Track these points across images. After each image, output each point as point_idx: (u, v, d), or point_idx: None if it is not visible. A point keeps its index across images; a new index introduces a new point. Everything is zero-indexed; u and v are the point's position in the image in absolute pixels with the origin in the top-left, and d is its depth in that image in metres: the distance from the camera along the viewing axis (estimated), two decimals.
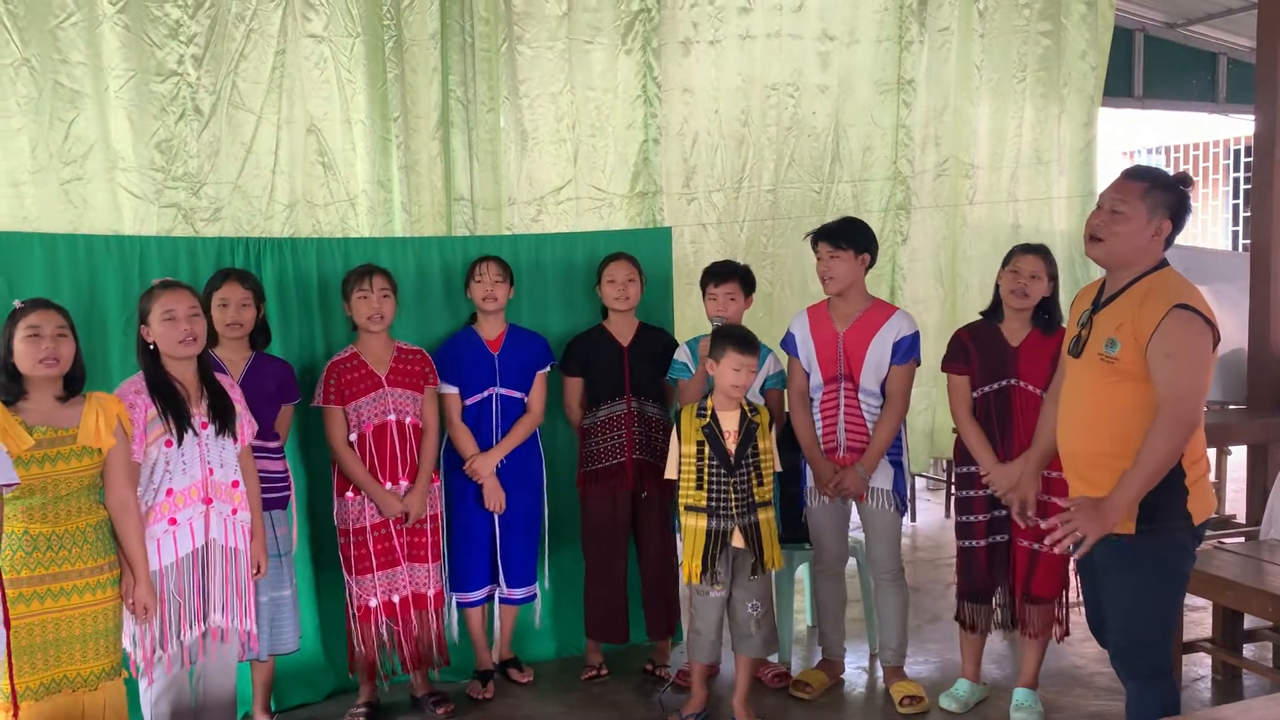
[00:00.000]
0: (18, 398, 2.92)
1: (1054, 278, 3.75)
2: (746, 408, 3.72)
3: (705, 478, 3.65)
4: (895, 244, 5.57)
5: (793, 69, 5.36)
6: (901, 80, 5.50)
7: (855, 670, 4.35)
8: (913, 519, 6.69)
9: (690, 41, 5.19)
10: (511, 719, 3.98)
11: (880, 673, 4.23)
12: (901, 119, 5.52)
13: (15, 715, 2.82)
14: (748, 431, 3.68)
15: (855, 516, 4.15)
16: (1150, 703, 2.89)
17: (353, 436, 3.83)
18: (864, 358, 3.92)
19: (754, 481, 3.68)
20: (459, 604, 4.15)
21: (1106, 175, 3.67)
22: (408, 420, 3.89)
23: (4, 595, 2.77)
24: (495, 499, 4.08)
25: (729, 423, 3.68)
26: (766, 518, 3.73)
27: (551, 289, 4.50)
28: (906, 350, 3.92)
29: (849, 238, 3.92)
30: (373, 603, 3.84)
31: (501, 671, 4.30)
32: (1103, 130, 6.16)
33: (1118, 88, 8.78)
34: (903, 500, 4.06)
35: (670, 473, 3.74)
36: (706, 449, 3.65)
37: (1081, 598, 3.19)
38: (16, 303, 3.00)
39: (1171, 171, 3.26)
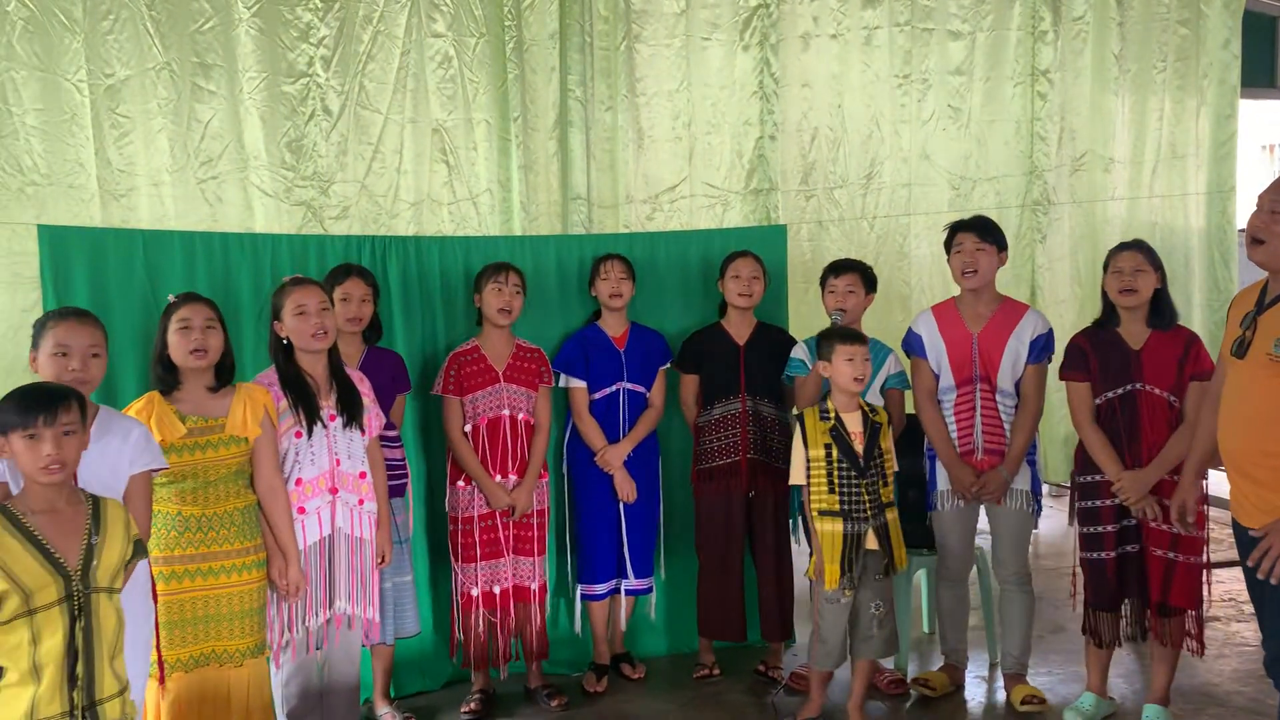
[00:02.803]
0: (173, 388, 3.06)
1: (1159, 268, 3.59)
2: (866, 408, 3.66)
3: (836, 481, 3.59)
4: (1033, 241, 5.40)
5: (921, 62, 5.25)
6: (1035, 71, 5.34)
7: (974, 679, 4.24)
8: (1036, 525, 6.48)
9: (810, 36, 5.12)
10: (623, 714, 3.99)
11: (1000, 683, 4.12)
12: (1036, 112, 5.35)
13: (162, 683, 2.96)
14: (872, 432, 3.62)
15: (981, 522, 4.05)
16: None
17: (467, 427, 3.90)
18: (1001, 358, 3.83)
19: (880, 482, 3.63)
20: (584, 596, 4.20)
21: (1245, 170, 3.50)
22: (521, 416, 3.95)
23: (153, 572, 2.92)
24: (627, 488, 4.13)
25: (853, 424, 3.63)
26: (893, 518, 3.68)
27: (666, 287, 4.51)
28: (1042, 349, 3.84)
29: (994, 232, 3.87)
30: (474, 591, 3.91)
31: (613, 666, 4.33)
32: (1241, 123, 5.88)
33: (1258, 78, 8.37)
34: (1038, 501, 3.96)
35: (797, 477, 3.68)
36: (835, 451, 3.60)
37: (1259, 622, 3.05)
38: (170, 297, 3.14)
39: None
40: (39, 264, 3.65)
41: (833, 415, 3.63)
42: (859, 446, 3.59)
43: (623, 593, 4.27)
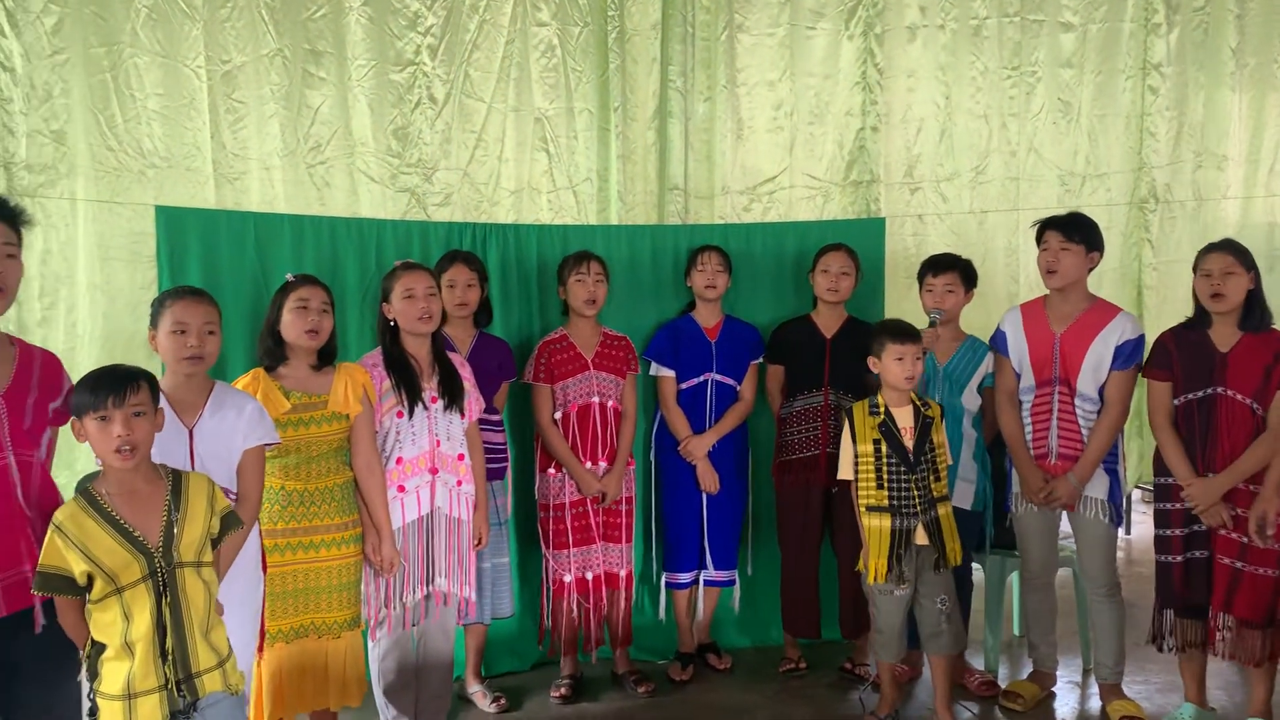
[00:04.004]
0: (279, 363, 3.16)
1: (1251, 268, 3.45)
2: (918, 402, 3.62)
3: (885, 476, 3.56)
4: (1141, 240, 5.25)
5: (1031, 54, 5.12)
6: (1147, 65, 5.18)
7: (1067, 684, 4.16)
8: (1127, 531, 6.33)
9: (917, 26, 5.04)
10: (710, 704, 4.00)
11: (1095, 689, 4.03)
12: (1147, 107, 5.19)
13: (260, 652, 3.05)
14: (924, 427, 3.58)
15: (1066, 525, 3.96)
16: None
17: (557, 415, 3.94)
18: (1082, 361, 3.72)
19: (931, 477, 3.58)
20: (668, 585, 4.22)
21: None
22: (609, 404, 3.98)
23: (263, 544, 3.01)
24: (710, 479, 4.13)
25: (904, 419, 3.58)
26: (945, 512, 3.63)
27: (761, 279, 4.49)
28: (1129, 355, 3.70)
29: (1082, 231, 3.74)
30: (567, 578, 3.95)
31: (699, 656, 4.34)
32: None
33: None
34: (1118, 511, 3.83)
35: (845, 473, 3.66)
36: (884, 447, 3.57)
37: None
38: (289, 276, 3.23)
39: None
40: (155, 243, 3.79)
41: (882, 410, 3.59)
42: (909, 442, 3.55)
43: (702, 583, 4.28)
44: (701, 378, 4.14)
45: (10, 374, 2.47)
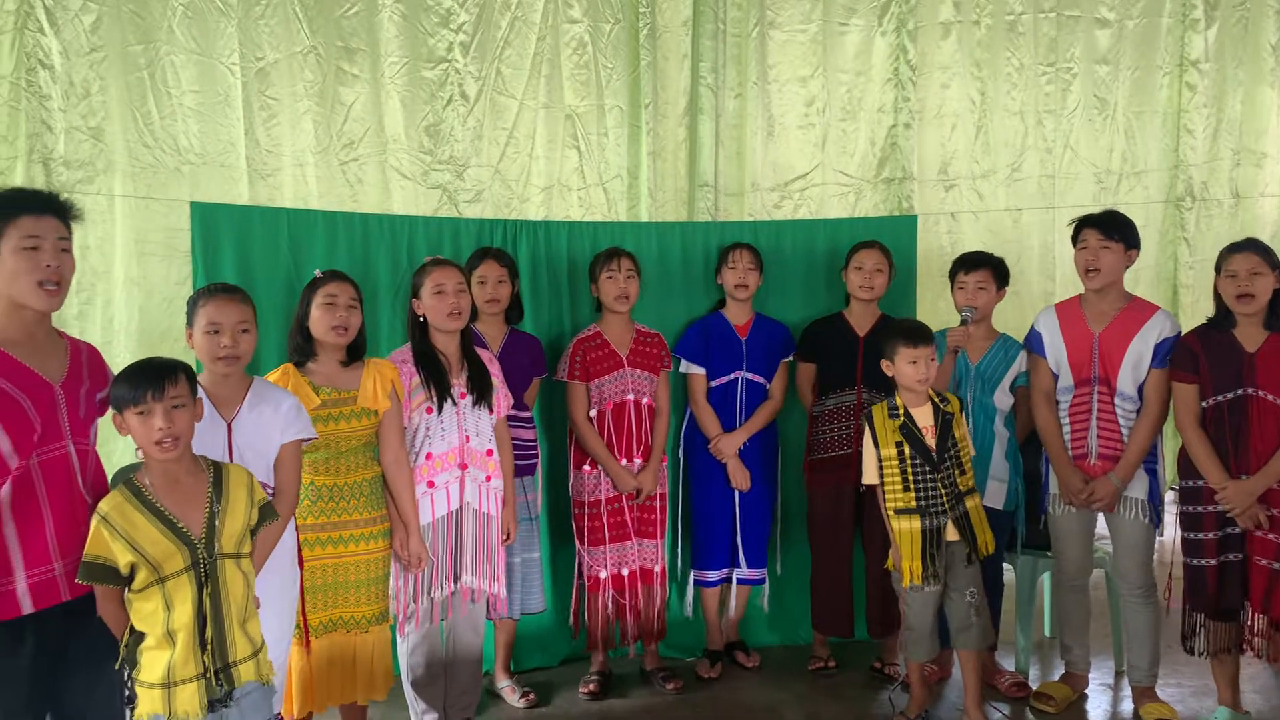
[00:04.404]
0: (308, 359, 3.17)
1: (1276, 267, 3.40)
2: (937, 399, 3.58)
3: (911, 478, 3.54)
4: (1177, 239, 5.19)
5: (1067, 50, 5.07)
6: (1185, 61, 5.11)
7: (1099, 687, 4.12)
8: (1161, 533, 6.24)
9: (951, 23, 5.01)
10: (739, 702, 4.00)
11: (1128, 691, 3.99)
12: (1184, 104, 5.13)
13: (307, 646, 3.08)
14: (944, 424, 3.54)
15: (1101, 525, 3.92)
16: None
17: (593, 412, 3.94)
18: (1122, 360, 3.68)
19: (956, 472, 3.55)
20: (696, 582, 4.22)
21: None
22: (644, 400, 3.97)
23: (299, 538, 3.04)
24: (741, 477, 4.12)
25: (924, 418, 3.55)
26: (974, 505, 3.60)
27: (791, 276, 4.47)
28: (1168, 353, 3.65)
29: (1120, 229, 3.70)
30: (602, 574, 3.95)
31: (728, 654, 4.34)
32: None
33: None
34: (1157, 512, 3.80)
35: (869, 478, 3.63)
36: (907, 449, 3.53)
37: None
38: (317, 272, 3.25)
39: None
40: (190, 239, 3.82)
41: (901, 412, 3.56)
42: (931, 440, 3.52)
43: (734, 581, 4.28)
44: (732, 376, 4.13)
45: (65, 364, 2.52)
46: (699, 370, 4.13)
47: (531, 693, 3.93)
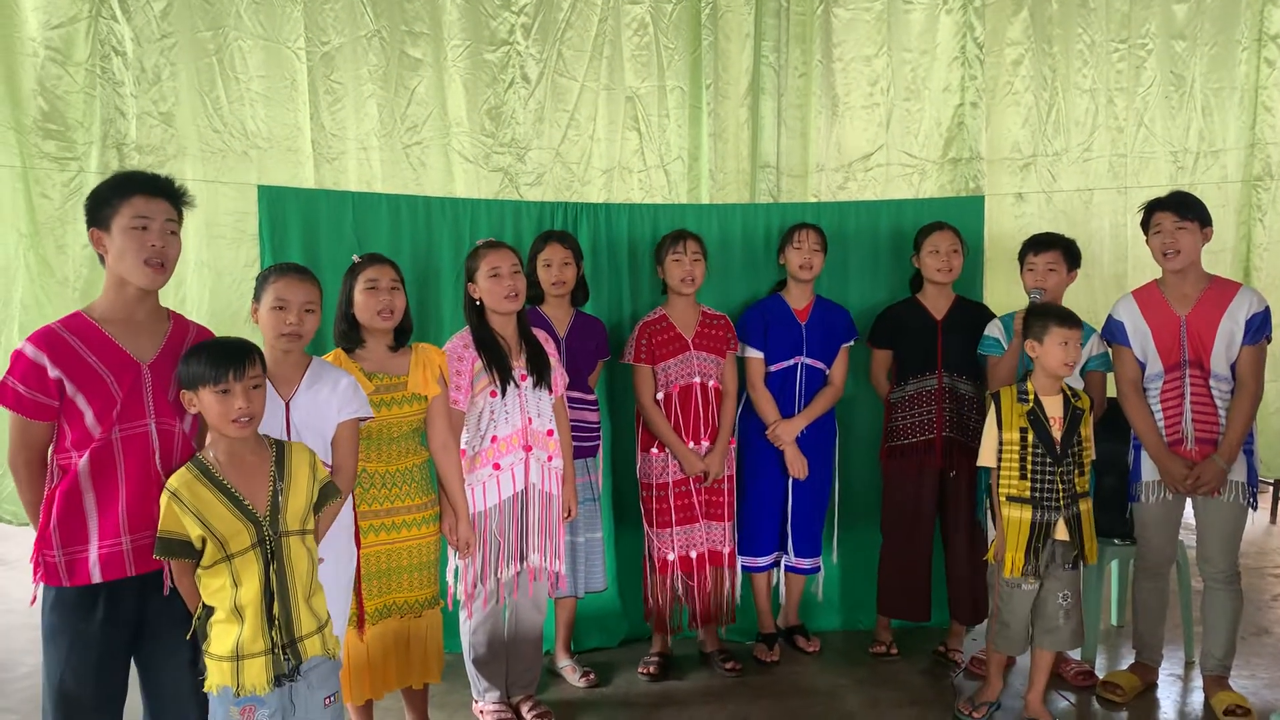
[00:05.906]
0: (357, 345, 3.18)
1: None
2: (1069, 392, 3.49)
3: (1029, 467, 3.44)
4: (1252, 219, 5.02)
5: (1141, 25, 4.92)
6: (1264, 36, 4.94)
7: (1168, 678, 4.04)
8: (1255, 509, 6.09)
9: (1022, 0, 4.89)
10: (798, 686, 3.98)
11: (1197, 683, 3.90)
12: (1263, 79, 4.96)
13: (362, 629, 3.12)
14: (1073, 418, 3.45)
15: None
16: None
17: (659, 395, 3.93)
18: (1214, 340, 3.58)
19: (1076, 471, 3.46)
20: (744, 568, 4.19)
21: None
22: (710, 383, 3.95)
23: (356, 519, 3.07)
24: (798, 465, 4.08)
25: (1053, 408, 3.45)
26: (1087, 508, 3.50)
27: (854, 258, 4.42)
28: (1259, 328, 3.56)
29: (1193, 208, 3.61)
30: (670, 556, 3.95)
31: (787, 638, 4.32)
32: None
33: None
34: (1254, 494, 3.69)
35: (987, 459, 3.53)
36: (1030, 436, 3.44)
37: None
38: (355, 257, 3.25)
39: None
40: (258, 222, 3.88)
41: (1031, 398, 3.46)
42: (1057, 433, 3.42)
43: (782, 568, 4.25)
44: (791, 361, 4.08)
45: (159, 345, 2.56)
46: (757, 354, 4.10)
47: (592, 672, 3.95)
